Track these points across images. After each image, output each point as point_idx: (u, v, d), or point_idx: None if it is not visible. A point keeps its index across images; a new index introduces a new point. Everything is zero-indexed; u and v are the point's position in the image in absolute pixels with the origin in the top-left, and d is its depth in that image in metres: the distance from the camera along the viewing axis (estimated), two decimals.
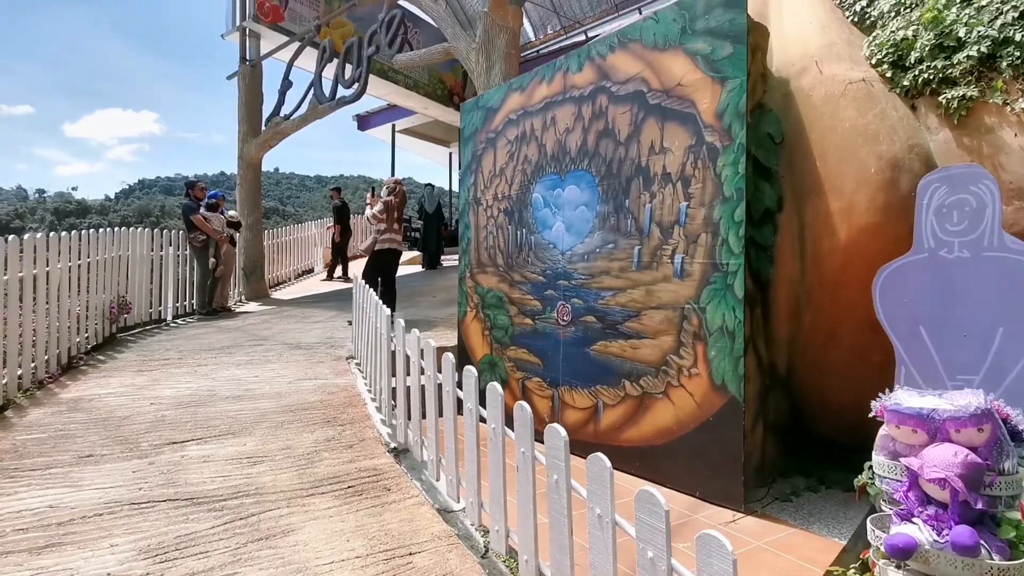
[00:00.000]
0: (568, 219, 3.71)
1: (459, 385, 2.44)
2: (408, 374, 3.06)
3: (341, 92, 7.78)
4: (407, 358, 3.02)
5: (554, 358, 3.78)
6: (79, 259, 4.73)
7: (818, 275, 2.90)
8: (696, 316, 2.92)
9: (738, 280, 2.73)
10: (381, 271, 6.20)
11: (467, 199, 4.70)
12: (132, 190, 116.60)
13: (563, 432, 1.77)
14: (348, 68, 7.68)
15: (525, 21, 13.79)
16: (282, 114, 8.54)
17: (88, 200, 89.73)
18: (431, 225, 11.35)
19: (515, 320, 4.12)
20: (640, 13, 12.53)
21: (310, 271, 11.94)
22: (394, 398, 3.19)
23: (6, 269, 3.51)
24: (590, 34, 13.14)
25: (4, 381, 3.46)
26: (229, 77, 9.34)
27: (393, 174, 17.28)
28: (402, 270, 12.26)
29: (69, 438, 2.98)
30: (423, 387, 2.84)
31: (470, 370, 2.32)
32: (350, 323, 6.38)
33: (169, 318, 6.76)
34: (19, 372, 3.65)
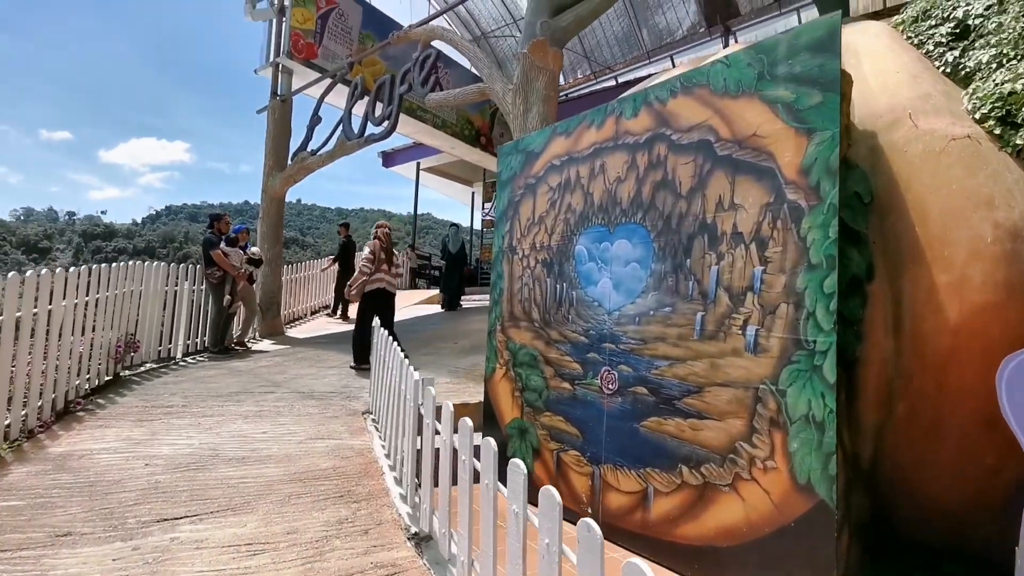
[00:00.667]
0: (617, 276, 3.36)
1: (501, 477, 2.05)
2: (434, 434, 2.67)
3: (370, 129, 7.63)
4: (435, 429, 2.63)
5: (596, 431, 3.37)
6: (87, 295, 4.45)
7: (919, 358, 2.49)
8: (774, 400, 2.51)
9: (828, 361, 2.33)
10: (374, 313, 5.88)
11: (501, 247, 4.38)
12: (158, 216, 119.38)
13: (648, 573, 1.37)
14: (379, 106, 7.55)
15: None
16: (309, 149, 8.41)
17: (116, 224, 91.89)
18: (454, 265, 11.08)
19: (551, 383, 3.73)
20: (672, 62, 12.47)
21: (327, 307, 11.68)
22: (418, 475, 2.79)
23: (1, 310, 3.22)
24: (620, 80, 13.09)
25: None
26: (259, 111, 9.30)
27: (416, 211, 17.21)
28: (421, 311, 11.97)
29: (48, 508, 2.61)
30: (454, 465, 2.44)
31: (517, 466, 1.93)
32: (352, 368, 6.02)
33: (179, 356, 6.45)
34: (7, 421, 3.32)
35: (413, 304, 13.10)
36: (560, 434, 3.61)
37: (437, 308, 12.24)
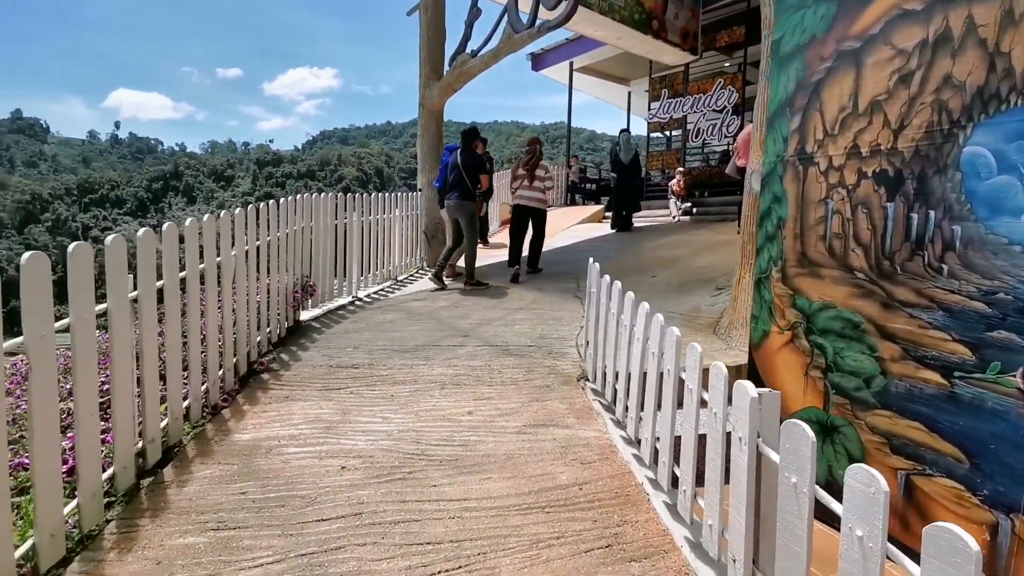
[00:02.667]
0: None
1: None
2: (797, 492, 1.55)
3: (543, 16, 6.24)
4: (811, 496, 1.49)
5: (1011, 458, 2.03)
6: (258, 239, 3.84)
7: None
8: None
9: None
10: (517, 228, 6.79)
11: (780, 155, 2.97)
12: (315, 141, 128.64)
13: None
14: None
15: None
16: (468, 50, 7.25)
17: (281, 151, 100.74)
18: (627, 177, 9.61)
19: (892, 367, 2.41)
20: None
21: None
22: (752, 532, 1.69)
23: (159, 274, 2.55)
24: None
25: (165, 422, 2.57)
26: (409, 12, 8.25)
27: (570, 117, 15.66)
28: (585, 232, 10.79)
29: (234, 551, 1.94)
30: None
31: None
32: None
33: (355, 293, 5.97)
34: (186, 402, 2.77)
35: (575, 224, 11.94)
36: (916, 449, 2.32)
37: (603, 228, 10.97)
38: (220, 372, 3.13)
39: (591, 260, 3.69)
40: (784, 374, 2.94)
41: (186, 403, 2.76)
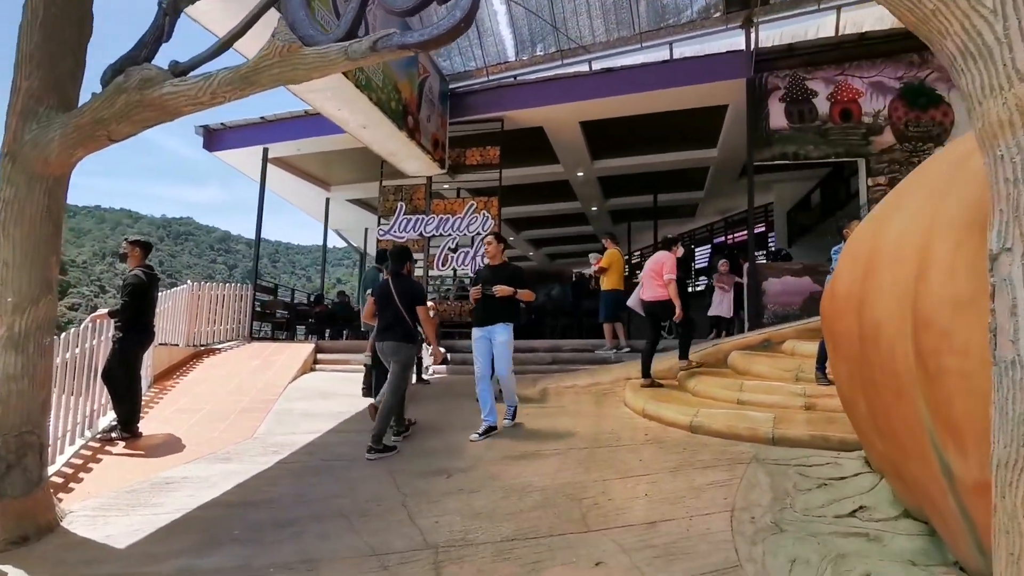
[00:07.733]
0: None
1: None
2: None
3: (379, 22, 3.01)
4: None
5: None
6: None
7: None
8: None
9: None
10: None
11: None
12: None
13: None
14: None
15: (507, 35, 9.95)
16: (169, 63, 3.33)
17: None
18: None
19: None
20: (671, 51, 9.56)
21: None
22: None
23: None
24: (595, 65, 9.77)
25: None
26: None
27: (260, 222, 11.51)
28: (319, 401, 6.94)
29: None
30: None
31: None
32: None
33: None
34: None
35: (289, 382, 7.82)
36: None
37: (337, 387, 7.29)
38: None
39: None
40: None
41: None
